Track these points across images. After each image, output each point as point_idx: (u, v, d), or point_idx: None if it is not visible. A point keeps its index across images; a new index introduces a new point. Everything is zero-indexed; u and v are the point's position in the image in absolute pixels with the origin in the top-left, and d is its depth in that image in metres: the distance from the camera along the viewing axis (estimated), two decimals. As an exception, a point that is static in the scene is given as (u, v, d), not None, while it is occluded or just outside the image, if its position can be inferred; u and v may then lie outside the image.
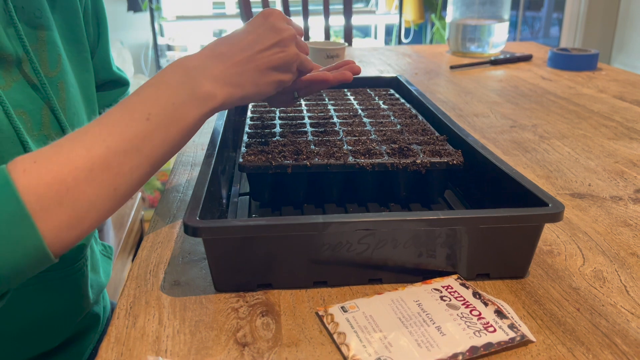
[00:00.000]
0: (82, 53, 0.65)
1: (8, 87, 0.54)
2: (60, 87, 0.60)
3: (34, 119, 0.57)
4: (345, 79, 0.63)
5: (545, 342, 0.42)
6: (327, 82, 0.63)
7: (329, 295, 0.48)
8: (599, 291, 0.49)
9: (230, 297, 0.48)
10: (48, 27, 0.60)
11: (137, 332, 0.44)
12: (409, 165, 0.58)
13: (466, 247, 0.49)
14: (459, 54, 1.64)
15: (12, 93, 0.55)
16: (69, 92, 0.61)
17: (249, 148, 0.61)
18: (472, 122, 0.99)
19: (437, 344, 0.40)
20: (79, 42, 0.65)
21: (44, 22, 0.59)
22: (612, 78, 1.32)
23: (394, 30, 3.59)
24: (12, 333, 0.60)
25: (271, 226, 0.45)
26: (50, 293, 0.62)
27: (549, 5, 3.88)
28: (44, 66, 0.59)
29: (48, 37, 0.59)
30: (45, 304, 0.62)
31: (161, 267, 0.53)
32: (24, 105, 0.56)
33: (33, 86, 0.57)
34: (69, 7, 0.63)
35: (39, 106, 0.57)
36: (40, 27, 0.59)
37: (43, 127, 0.58)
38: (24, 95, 0.56)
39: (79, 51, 0.65)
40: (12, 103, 0.55)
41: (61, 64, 0.61)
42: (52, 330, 0.65)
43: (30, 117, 0.56)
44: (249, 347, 0.42)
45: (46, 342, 0.65)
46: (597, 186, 0.71)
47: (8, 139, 0.52)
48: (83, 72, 0.65)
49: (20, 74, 0.56)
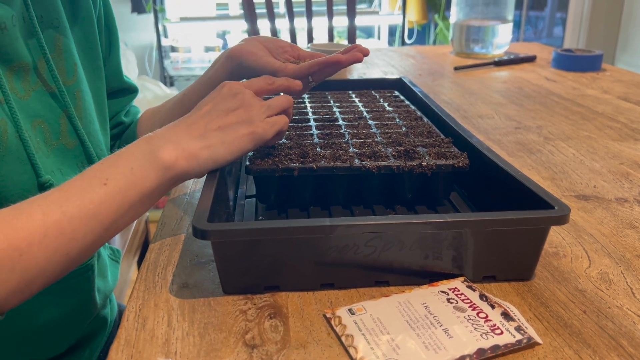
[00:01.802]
0: (95, 61, 0.66)
1: (28, 96, 0.55)
2: (77, 95, 0.61)
3: (53, 129, 0.57)
4: (357, 59, 0.64)
5: (552, 345, 0.42)
6: (340, 63, 0.64)
7: (336, 298, 0.48)
8: (605, 293, 0.49)
9: (238, 299, 0.48)
10: (65, 36, 0.60)
11: (146, 334, 0.44)
12: (415, 167, 0.58)
13: (472, 249, 0.49)
14: (462, 55, 1.65)
15: (32, 102, 0.55)
16: (84, 100, 0.62)
17: (256, 151, 0.62)
18: (477, 124, 0.99)
19: (444, 346, 0.41)
20: (93, 50, 0.65)
21: (61, 31, 0.60)
22: (617, 79, 1.32)
23: (397, 31, 3.59)
24: (20, 338, 0.61)
25: (279, 229, 0.46)
26: (58, 299, 0.62)
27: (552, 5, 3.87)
28: (62, 75, 0.59)
29: (65, 46, 0.60)
30: (53, 310, 0.62)
31: (169, 269, 0.53)
32: (43, 114, 0.56)
33: (52, 94, 0.57)
34: (85, 15, 0.64)
35: (57, 115, 0.58)
36: (58, 36, 0.59)
37: (61, 136, 0.58)
38: (43, 104, 0.56)
39: (93, 59, 0.65)
40: (31, 113, 0.55)
41: (77, 73, 0.61)
42: (59, 335, 0.65)
43: (49, 127, 0.57)
44: (258, 349, 0.42)
45: (54, 347, 0.65)
46: (602, 188, 0.71)
47: (17, 159, 0.52)
48: (96, 80, 0.66)
49: (39, 82, 0.56)
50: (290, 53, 0.70)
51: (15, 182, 0.51)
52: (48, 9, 0.58)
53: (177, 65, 3.26)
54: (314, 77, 0.66)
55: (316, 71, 0.65)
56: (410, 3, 3.44)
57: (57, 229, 0.43)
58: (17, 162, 0.52)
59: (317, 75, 0.66)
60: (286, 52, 0.69)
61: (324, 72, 0.65)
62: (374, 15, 3.64)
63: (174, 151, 0.49)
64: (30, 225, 0.42)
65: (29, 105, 0.55)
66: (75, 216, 0.44)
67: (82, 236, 0.44)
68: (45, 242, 0.42)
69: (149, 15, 3.17)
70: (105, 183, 0.46)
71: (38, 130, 0.56)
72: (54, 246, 0.43)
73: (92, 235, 0.45)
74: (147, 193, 0.48)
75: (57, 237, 0.43)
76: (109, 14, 0.70)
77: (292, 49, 0.70)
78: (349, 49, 0.66)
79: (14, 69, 0.54)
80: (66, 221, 0.43)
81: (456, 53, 1.67)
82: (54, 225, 0.43)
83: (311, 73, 0.65)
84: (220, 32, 3.52)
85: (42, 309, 0.61)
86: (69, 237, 0.44)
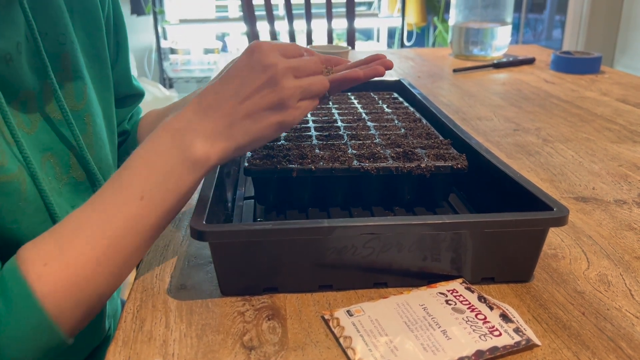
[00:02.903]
0: (103, 70, 0.63)
1: (35, 128, 0.52)
2: (87, 120, 0.58)
3: (63, 162, 0.55)
4: (378, 73, 0.55)
5: (551, 346, 0.42)
6: (359, 79, 0.55)
7: (334, 299, 0.48)
8: (604, 295, 0.49)
9: (236, 300, 0.48)
10: (72, 53, 0.57)
11: (144, 335, 0.44)
12: (414, 169, 0.58)
13: (471, 251, 0.49)
14: (461, 57, 1.65)
15: (39, 135, 0.53)
16: (95, 124, 0.59)
17: (254, 152, 0.62)
18: (476, 126, 0.99)
19: (442, 348, 0.41)
20: (101, 57, 0.63)
21: (68, 48, 0.57)
22: (615, 81, 1.33)
23: (396, 33, 3.59)
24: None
25: (277, 230, 0.45)
26: None
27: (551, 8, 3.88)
28: (69, 99, 0.56)
29: (73, 66, 0.57)
30: None
31: (167, 270, 0.53)
32: (52, 147, 0.54)
33: (59, 123, 0.55)
34: (92, 21, 0.61)
35: (66, 146, 0.55)
36: (65, 54, 0.56)
37: (72, 170, 0.56)
38: (51, 136, 0.54)
39: (101, 68, 0.63)
40: (40, 147, 0.53)
41: (87, 94, 0.58)
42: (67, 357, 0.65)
43: (59, 160, 0.55)
44: (256, 350, 0.42)
45: None
46: (601, 190, 0.71)
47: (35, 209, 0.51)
48: (104, 91, 0.64)
49: (46, 110, 0.54)
50: None
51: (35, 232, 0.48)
52: (54, 23, 0.55)
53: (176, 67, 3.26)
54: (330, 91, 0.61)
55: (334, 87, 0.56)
56: (409, 5, 3.45)
57: (107, 255, 0.43)
58: (36, 212, 0.51)
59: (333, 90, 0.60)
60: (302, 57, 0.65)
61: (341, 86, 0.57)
62: (373, 18, 3.65)
63: (203, 146, 0.45)
64: (79, 258, 0.43)
65: (37, 139, 0.53)
66: (119, 237, 0.44)
67: (132, 252, 0.45)
68: (99, 270, 0.43)
69: (149, 17, 3.17)
70: (142, 197, 0.44)
71: (48, 166, 0.54)
72: (108, 271, 0.44)
73: (141, 248, 0.46)
74: (184, 193, 0.46)
75: (108, 262, 0.44)
76: (118, 15, 0.67)
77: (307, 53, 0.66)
78: (371, 59, 0.57)
79: (19, 100, 0.51)
80: (113, 245, 0.44)
81: (455, 55, 1.68)
82: (103, 254, 0.43)
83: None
84: (220, 34, 3.53)
85: None
86: (120, 256, 0.44)
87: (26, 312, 0.41)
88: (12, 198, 0.48)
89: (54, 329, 0.42)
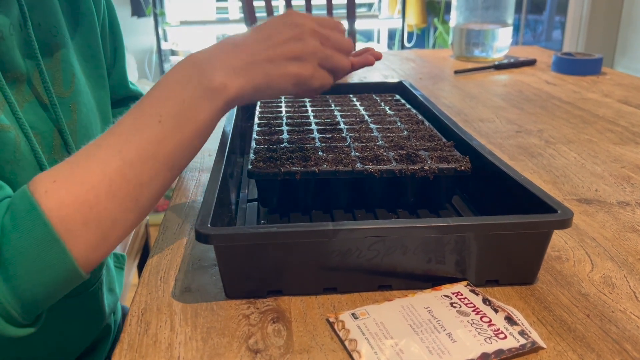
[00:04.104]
0: (98, 70, 0.64)
1: (20, 107, 0.53)
2: (73, 108, 0.59)
3: (46, 142, 0.56)
4: (368, 62, 0.59)
5: (556, 349, 0.42)
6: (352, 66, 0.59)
7: (339, 302, 0.48)
8: (608, 297, 0.49)
9: (241, 303, 0.48)
10: (64, 45, 0.58)
11: (149, 338, 0.44)
12: (417, 171, 0.58)
13: (475, 253, 0.49)
14: (462, 59, 1.65)
15: (25, 114, 0.54)
16: (81, 112, 0.60)
17: (258, 155, 0.62)
18: (478, 127, 0.99)
19: (448, 350, 0.41)
20: (96, 58, 0.64)
21: (59, 40, 0.58)
22: (617, 82, 1.33)
23: (396, 35, 3.59)
24: (28, 354, 0.60)
25: (282, 233, 0.45)
26: (66, 317, 0.61)
27: (551, 9, 3.88)
28: (57, 86, 0.58)
29: (63, 56, 0.58)
30: (61, 328, 0.62)
31: (172, 273, 0.53)
32: (37, 126, 0.55)
33: (44, 106, 0.56)
34: (87, 23, 0.62)
35: (50, 128, 0.56)
36: (56, 46, 0.58)
37: (54, 151, 0.57)
38: (36, 117, 0.55)
39: (96, 67, 0.64)
40: None
41: (75, 84, 0.59)
42: (67, 349, 0.65)
43: (42, 140, 0.56)
44: (261, 353, 0.42)
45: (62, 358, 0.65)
46: (604, 191, 0.71)
47: (29, 165, 0.51)
48: (99, 89, 0.64)
49: (32, 93, 0.55)
50: None
51: None
52: (47, 16, 0.57)
53: (177, 69, 3.25)
54: None
55: None
56: (409, 7, 3.45)
57: (121, 176, 0.42)
58: (30, 169, 0.51)
59: None
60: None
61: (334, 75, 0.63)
62: (373, 19, 3.65)
63: (222, 77, 0.46)
64: (92, 177, 0.41)
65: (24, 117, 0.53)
66: (135, 160, 0.43)
67: (148, 179, 0.43)
68: (112, 191, 0.42)
69: (149, 18, 3.17)
70: (160, 120, 0.44)
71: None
72: (121, 194, 0.42)
73: (158, 177, 0.44)
74: (203, 124, 0.46)
75: (122, 185, 0.42)
76: (114, 21, 0.69)
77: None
78: (362, 52, 0.62)
79: (8, 79, 0.53)
80: (127, 167, 0.42)
81: (456, 57, 1.68)
82: (116, 173, 0.42)
83: None
84: (220, 36, 3.53)
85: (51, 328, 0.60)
86: (134, 182, 0.43)
87: (30, 224, 0.39)
88: (9, 147, 0.49)
89: (60, 246, 0.40)
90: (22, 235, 0.39)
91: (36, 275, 0.40)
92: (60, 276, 0.41)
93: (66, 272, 0.41)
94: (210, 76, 0.46)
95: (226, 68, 0.47)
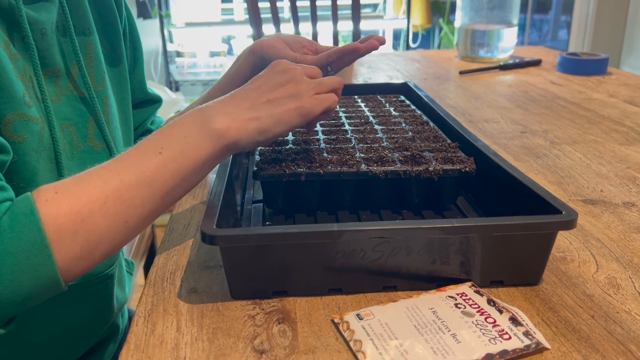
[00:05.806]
0: (122, 73, 0.68)
1: (58, 100, 0.57)
2: (105, 101, 0.63)
3: (80, 132, 0.60)
4: (373, 47, 0.65)
5: (561, 350, 0.42)
6: (357, 51, 0.65)
7: (343, 303, 0.48)
8: (613, 298, 0.49)
9: (246, 304, 0.48)
10: (95, 44, 0.63)
11: (155, 339, 0.44)
12: (422, 172, 0.59)
13: (480, 254, 0.49)
14: (468, 59, 1.65)
15: (62, 106, 0.58)
16: (111, 106, 0.64)
17: (263, 156, 0.62)
18: (483, 128, 0.99)
19: (452, 351, 0.41)
20: (120, 61, 0.68)
21: (92, 40, 0.63)
22: (622, 82, 1.32)
23: (402, 35, 3.59)
24: (37, 344, 0.61)
25: (287, 234, 0.46)
26: (78, 305, 0.63)
27: (557, 8, 3.87)
28: (92, 80, 0.62)
29: (95, 54, 0.63)
30: (72, 316, 0.63)
31: (178, 274, 0.53)
32: (72, 118, 0.59)
33: (82, 99, 0.60)
34: (112, 29, 0.67)
35: (85, 119, 0.60)
36: (90, 44, 0.62)
37: (88, 139, 0.61)
38: (73, 109, 0.59)
39: (120, 71, 0.68)
40: (60, 116, 0.58)
41: (105, 81, 0.64)
42: (76, 342, 0.66)
43: (77, 130, 0.59)
44: (267, 354, 0.42)
45: (70, 353, 0.66)
46: (609, 192, 0.71)
47: (48, 157, 0.54)
48: (122, 91, 0.68)
49: (70, 87, 0.59)
50: (308, 47, 0.71)
51: (44, 179, 0.53)
52: (81, 19, 0.61)
53: (182, 70, 3.27)
54: (332, 66, 0.67)
55: (334, 60, 0.66)
56: (414, 7, 3.45)
57: (116, 195, 0.45)
58: (48, 160, 0.54)
59: (335, 65, 0.67)
60: (304, 46, 0.71)
61: (342, 61, 0.67)
62: (378, 20, 3.65)
63: (225, 120, 0.50)
64: (90, 192, 0.44)
65: (59, 109, 0.57)
66: (132, 183, 0.45)
67: (140, 203, 0.46)
68: (105, 208, 0.44)
69: (155, 20, 3.19)
70: (160, 152, 0.47)
71: (66, 133, 0.58)
72: (113, 212, 0.45)
73: (150, 203, 0.47)
74: (200, 162, 0.49)
75: (116, 204, 0.45)
76: (133, 29, 0.73)
77: (309, 44, 0.72)
78: (366, 38, 0.67)
79: (47, 73, 0.56)
80: (124, 188, 0.45)
81: (461, 57, 1.68)
82: (113, 192, 0.45)
83: (330, 62, 0.66)
84: (226, 37, 3.54)
85: (62, 316, 0.62)
86: (127, 203, 0.45)
87: (25, 227, 0.41)
88: (35, 137, 0.52)
89: (48, 252, 0.42)
90: (15, 236, 0.41)
91: (18, 277, 0.41)
92: (41, 282, 0.42)
93: (47, 279, 0.43)
94: (213, 119, 0.50)
95: (229, 114, 0.50)
